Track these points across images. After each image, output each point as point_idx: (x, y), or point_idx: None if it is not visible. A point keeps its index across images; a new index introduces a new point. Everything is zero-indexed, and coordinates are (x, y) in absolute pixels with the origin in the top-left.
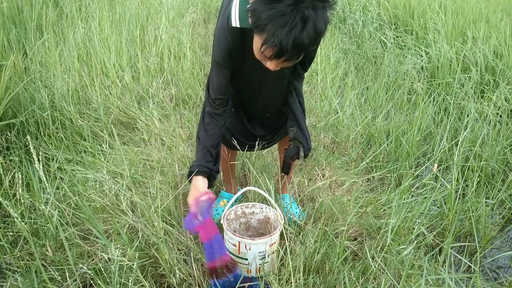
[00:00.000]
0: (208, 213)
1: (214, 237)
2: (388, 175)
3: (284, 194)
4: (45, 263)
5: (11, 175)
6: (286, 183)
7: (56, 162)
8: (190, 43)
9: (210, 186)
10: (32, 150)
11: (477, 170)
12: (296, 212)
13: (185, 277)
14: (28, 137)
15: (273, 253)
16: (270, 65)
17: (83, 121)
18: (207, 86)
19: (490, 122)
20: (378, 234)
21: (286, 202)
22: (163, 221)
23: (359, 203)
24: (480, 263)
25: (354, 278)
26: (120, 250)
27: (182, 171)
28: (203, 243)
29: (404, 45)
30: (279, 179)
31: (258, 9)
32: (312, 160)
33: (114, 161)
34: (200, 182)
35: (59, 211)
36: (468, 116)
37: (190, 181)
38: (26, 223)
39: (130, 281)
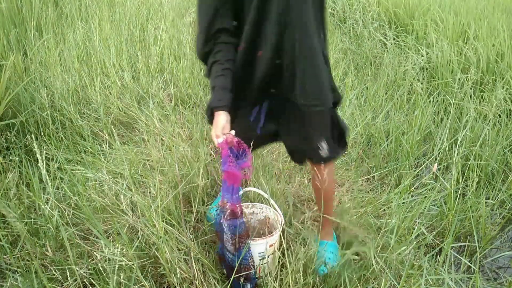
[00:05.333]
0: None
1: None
2: (388, 175)
3: (326, 240)
4: (45, 263)
5: (10, 175)
6: (329, 225)
7: (56, 162)
8: (190, 43)
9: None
10: (36, 149)
11: (477, 170)
12: (330, 258)
13: (185, 277)
14: (28, 137)
15: (272, 253)
16: None
17: (83, 121)
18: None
19: (489, 122)
20: (378, 234)
21: (329, 251)
22: (163, 221)
23: (359, 203)
24: (480, 263)
25: (354, 278)
26: (118, 250)
27: (182, 171)
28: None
29: (404, 45)
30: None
31: None
32: None
33: (114, 161)
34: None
35: (59, 211)
36: (467, 116)
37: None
38: (26, 223)
39: (123, 278)
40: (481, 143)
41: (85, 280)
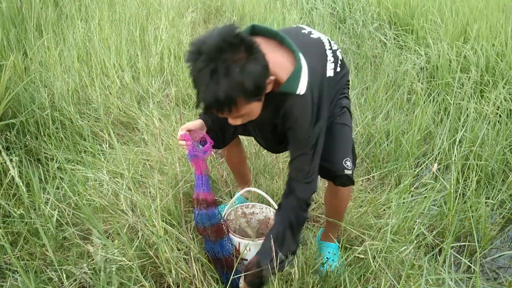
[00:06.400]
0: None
1: (204, 174)
2: (388, 175)
3: (326, 242)
4: (44, 263)
5: (11, 175)
6: (334, 231)
7: (56, 162)
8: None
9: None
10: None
11: (476, 170)
12: (330, 257)
13: (185, 276)
14: (28, 136)
15: None
16: (230, 120)
17: (83, 121)
18: None
19: (489, 122)
20: (378, 234)
21: (330, 252)
22: (163, 221)
23: (359, 203)
24: (480, 263)
25: (354, 278)
26: (117, 250)
27: (182, 168)
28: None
29: (404, 45)
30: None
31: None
32: None
33: (114, 161)
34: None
35: (59, 211)
36: (467, 116)
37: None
38: (26, 223)
39: (123, 278)
40: (481, 143)
41: (85, 280)
